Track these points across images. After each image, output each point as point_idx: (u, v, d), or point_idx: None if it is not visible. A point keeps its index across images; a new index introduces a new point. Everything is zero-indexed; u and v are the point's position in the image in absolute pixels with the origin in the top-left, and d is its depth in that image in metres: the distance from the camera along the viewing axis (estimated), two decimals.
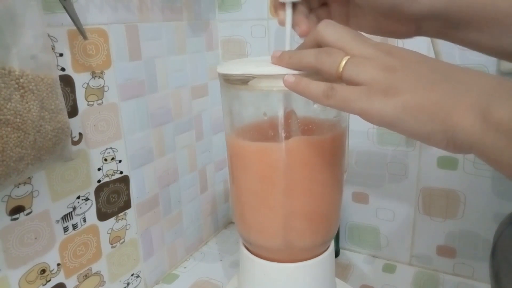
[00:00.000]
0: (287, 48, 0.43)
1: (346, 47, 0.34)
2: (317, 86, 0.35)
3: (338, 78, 0.34)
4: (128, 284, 0.61)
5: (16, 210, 0.45)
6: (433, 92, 0.31)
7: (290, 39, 0.44)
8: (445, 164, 0.62)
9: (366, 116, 0.32)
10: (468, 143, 0.29)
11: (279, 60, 0.40)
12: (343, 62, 0.33)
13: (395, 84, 0.32)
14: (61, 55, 0.47)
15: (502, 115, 0.27)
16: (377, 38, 0.39)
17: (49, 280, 0.49)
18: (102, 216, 0.55)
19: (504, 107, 0.27)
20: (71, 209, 0.51)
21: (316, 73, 0.36)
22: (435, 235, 0.66)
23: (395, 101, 0.31)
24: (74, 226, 0.51)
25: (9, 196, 0.44)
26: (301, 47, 0.40)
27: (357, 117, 0.32)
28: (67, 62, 0.48)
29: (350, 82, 0.33)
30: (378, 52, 0.33)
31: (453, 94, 0.30)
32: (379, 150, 0.66)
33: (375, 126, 0.65)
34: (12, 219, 0.44)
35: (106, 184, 0.55)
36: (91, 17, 0.50)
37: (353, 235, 0.73)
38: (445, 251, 0.66)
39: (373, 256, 0.72)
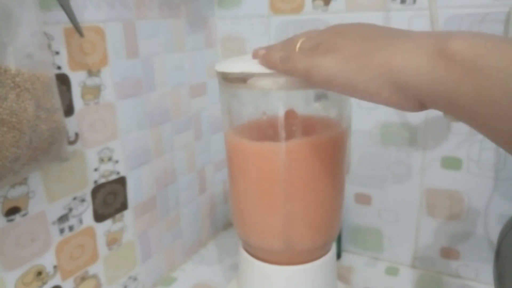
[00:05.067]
0: None
1: (307, 34, 0.39)
2: (277, 55, 0.38)
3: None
4: (125, 286, 0.60)
5: (12, 211, 0.44)
6: (373, 42, 0.30)
7: None
8: (449, 164, 0.61)
9: (309, 74, 0.34)
10: (416, 84, 0.27)
11: (272, 64, 0.40)
12: (299, 42, 0.37)
13: (336, 42, 0.33)
14: (57, 53, 0.46)
15: (459, 46, 0.25)
16: None
17: (46, 283, 0.49)
18: (99, 217, 0.54)
19: (462, 39, 0.25)
20: (67, 211, 0.50)
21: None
22: (439, 237, 0.65)
23: (333, 55, 0.32)
24: (71, 228, 0.51)
25: (5, 197, 0.43)
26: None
27: (360, 117, 0.32)
28: (63, 60, 0.47)
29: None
30: (331, 28, 0.37)
31: (395, 41, 0.29)
32: (382, 150, 0.66)
33: (378, 126, 0.64)
34: (8, 220, 0.44)
35: (103, 185, 0.54)
36: (87, 14, 0.50)
37: (355, 237, 0.72)
38: (449, 253, 0.65)
39: (376, 259, 0.72)
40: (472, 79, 0.24)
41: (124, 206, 0.58)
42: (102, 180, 0.54)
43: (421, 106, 0.28)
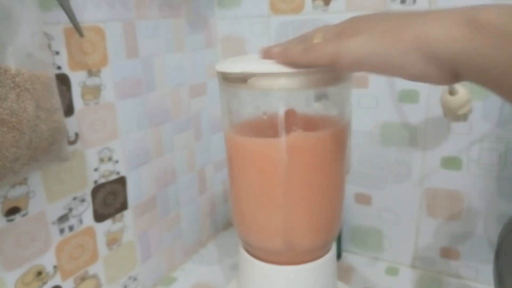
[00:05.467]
0: None
1: (322, 29, 0.39)
2: (296, 47, 0.38)
3: None
4: (125, 286, 0.60)
5: (12, 211, 0.44)
6: (399, 20, 0.31)
7: None
8: (449, 164, 0.61)
9: (337, 59, 0.33)
10: (450, 53, 0.27)
11: (292, 58, 0.39)
12: (317, 37, 0.37)
13: (362, 25, 0.33)
14: (57, 53, 0.46)
15: (489, 16, 0.26)
16: None
17: (46, 283, 0.49)
18: (99, 217, 0.54)
19: (491, 9, 0.26)
20: (67, 211, 0.50)
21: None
22: (439, 237, 0.65)
23: (362, 35, 0.32)
24: (71, 228, 0.51)
25: (5, 197, 0.43)
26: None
27: (360, 117, 0.32)
28: (63, 60, 0.47)
29: None
30: (348, 19, 0.37)
31: (423, 16, 0.30)
32: (382, 150, 0.66)
33: (378, 126, 0.64)
34: (8, 220, 0.44)
35: (103, 185, 0.54)
36: (87, 14, 0.50)
37: (355, 237, 0.72)
38: (449, 253, 0.65)
39: (376, 259, 0.72)
40: (504, 45, 0.25)
41: (124, 206, 0.58)
42: (102, 180, 0.54)
43: (454, 77, 0.29)
